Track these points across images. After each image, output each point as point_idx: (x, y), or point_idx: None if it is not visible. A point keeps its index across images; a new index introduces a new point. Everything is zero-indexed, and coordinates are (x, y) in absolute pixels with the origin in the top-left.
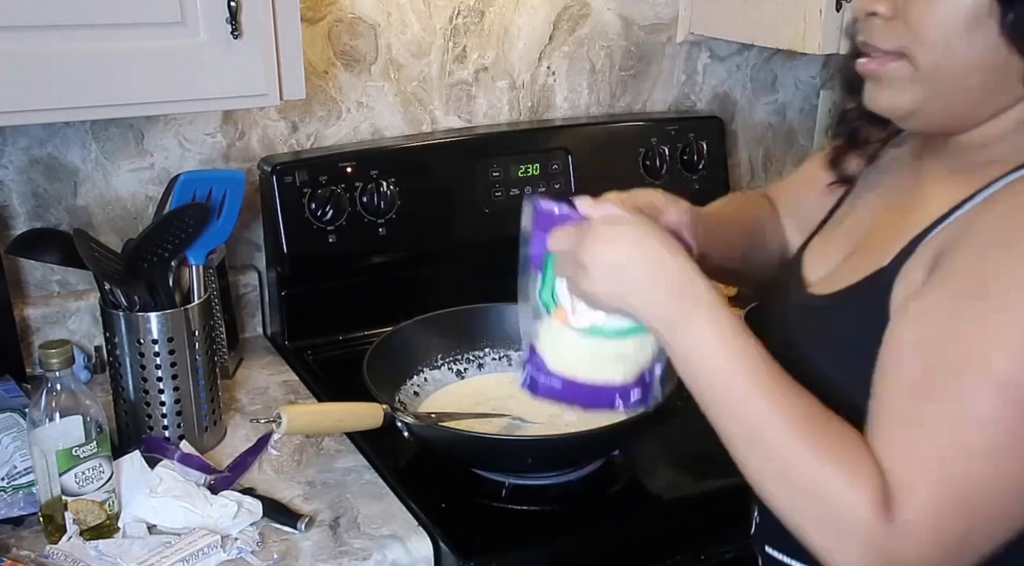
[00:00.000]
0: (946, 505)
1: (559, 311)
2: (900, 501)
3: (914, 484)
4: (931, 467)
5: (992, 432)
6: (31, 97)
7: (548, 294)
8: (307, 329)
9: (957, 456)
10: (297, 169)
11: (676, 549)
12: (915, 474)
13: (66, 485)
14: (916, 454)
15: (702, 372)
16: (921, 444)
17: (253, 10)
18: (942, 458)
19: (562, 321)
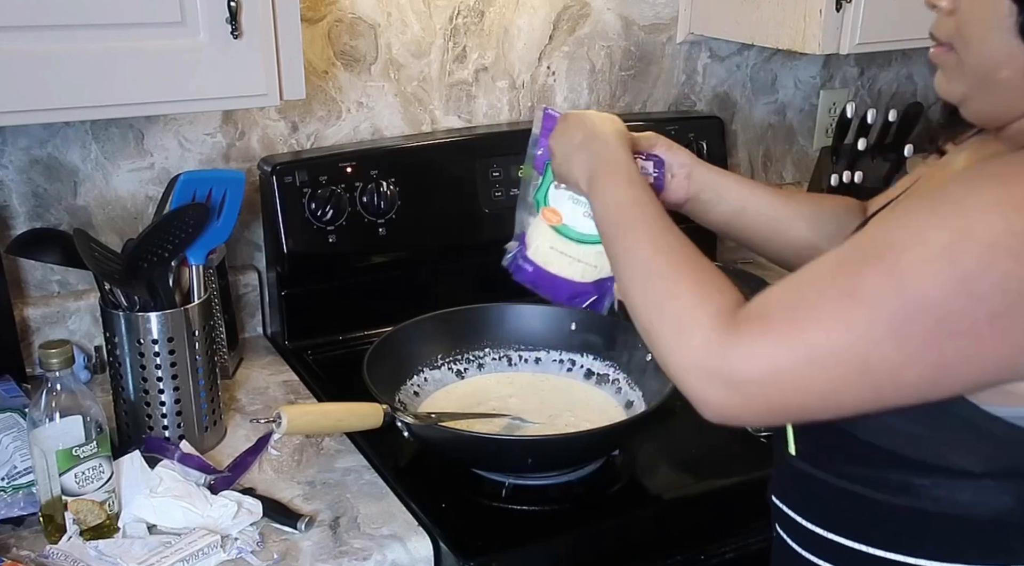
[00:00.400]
0: (785, 339)
1: (545, 210)
2: (752, 320)
3: (774, 314)
4: (798, 305)
5: (866, 315)
6: (31, 97)
7: (542, 195)
8: (307, 329)
9: (823, 314)
10: (297, 169)
11: (676, 549)
12: (781, 303)
13: (66, 485)
14: (795, 293)
15: (610, 214)
16: (805, 288)
17: (253, 10)
18: (813, 305)
19: (545, 218)
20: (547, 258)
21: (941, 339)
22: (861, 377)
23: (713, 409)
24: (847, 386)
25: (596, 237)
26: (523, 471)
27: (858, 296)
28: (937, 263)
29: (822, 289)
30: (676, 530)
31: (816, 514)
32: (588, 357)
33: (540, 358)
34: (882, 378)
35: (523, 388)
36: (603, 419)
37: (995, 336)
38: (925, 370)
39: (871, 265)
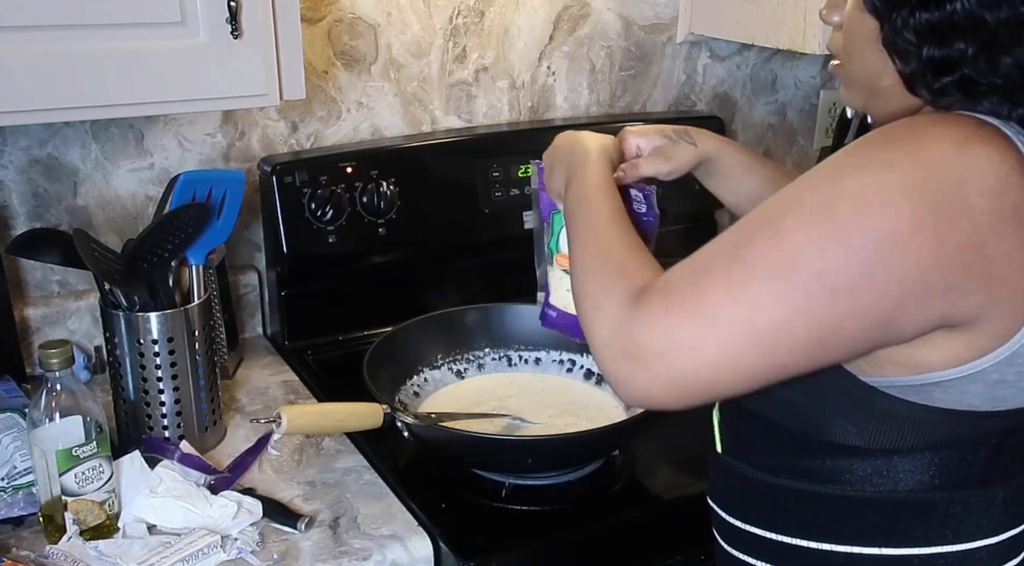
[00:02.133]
0: (681, 309)
1: (559, 257)
2: (654, 294)
3: (673, 287)
4: (692, 277)
5: (751, 273)
6: (31, 97)
7: (554, 243)
8: (307, 329)
9: (715, 277)
10: (297, 169)
11: (676, 549)
12: (677, 278)
13: (66, 485)
14: (689, 266)
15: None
16: (697, 261)
17: (253, 10)
18: (704, 273)
19: (559, 265)
20: (567, 301)
21: (822, 294)
22: (751, 339)
23: (624, 387)
24: (741, 351)
25: None
26: (523, 471)
27: (744, 260)
28: (812, 219)
29: (716, 258)
30: (676, 530)
31: (740, 510)
32: (588, 357)
33: (540, 358)
34: (771, 339)
35: (523, 388)
36: (603, 419)
37: (873, 289)
38: (811, 328)
39: (757, 231)
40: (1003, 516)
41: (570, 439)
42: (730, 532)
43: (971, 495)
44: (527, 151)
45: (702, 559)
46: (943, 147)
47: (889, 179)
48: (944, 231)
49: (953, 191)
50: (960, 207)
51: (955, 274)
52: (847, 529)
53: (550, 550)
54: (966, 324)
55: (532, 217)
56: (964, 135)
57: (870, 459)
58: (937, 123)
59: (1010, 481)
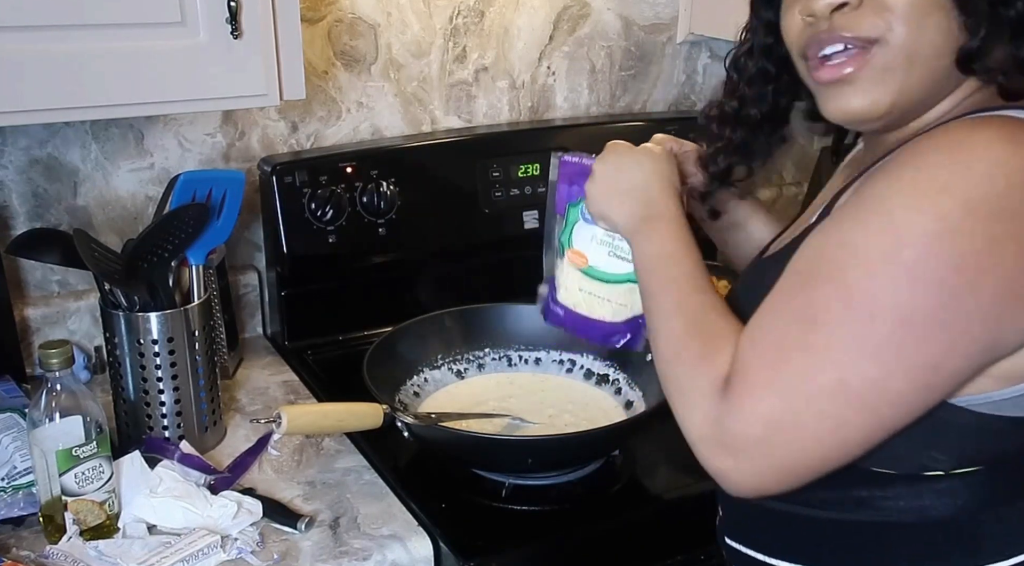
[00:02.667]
0: (769, 390)
1: (571, 252)
2: (736, 380)
3: (750, 367)
4: (768, 353)
5: (829, 339)
6: (31, 97)
7: (566, 237)
8: (307, 329)
9: (793, 349)
10: (297, 169)
11: (676, 549)
12: (753, 357)
13: (66, 485)
14: (761, 342)
15: (647, 265)
16: (767, 335)
17: (253, 10)
18: (779, 347)
19: (571, 261)
20: (577, 300)
21: (912, 339)
22: (853, 404)
23: (731, 482)
24: (844, 418)
25: (624, 276)
26: (523, 471)
27: (816, 322)
28: (880, 267)
29: (782, 328)
30: (676, 530)
31: (768, 544)
32: (588, 357)
33: (540, 358)
34: (873, 398)
35: (523, 388)
36: (603, 419)
37: (964, 316)
38: (911, 376)
39: (818, 289)
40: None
41: (570, 439)
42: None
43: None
44: (527, 151)
45: (702, 559)
46: (993, 151)
47: (947, 203)
48: (1017, 237)
49: (1015, 194)
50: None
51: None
52: (886, 555)
53: (550, 550)
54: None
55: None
56: (1009, 133)
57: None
58: (975, 128)
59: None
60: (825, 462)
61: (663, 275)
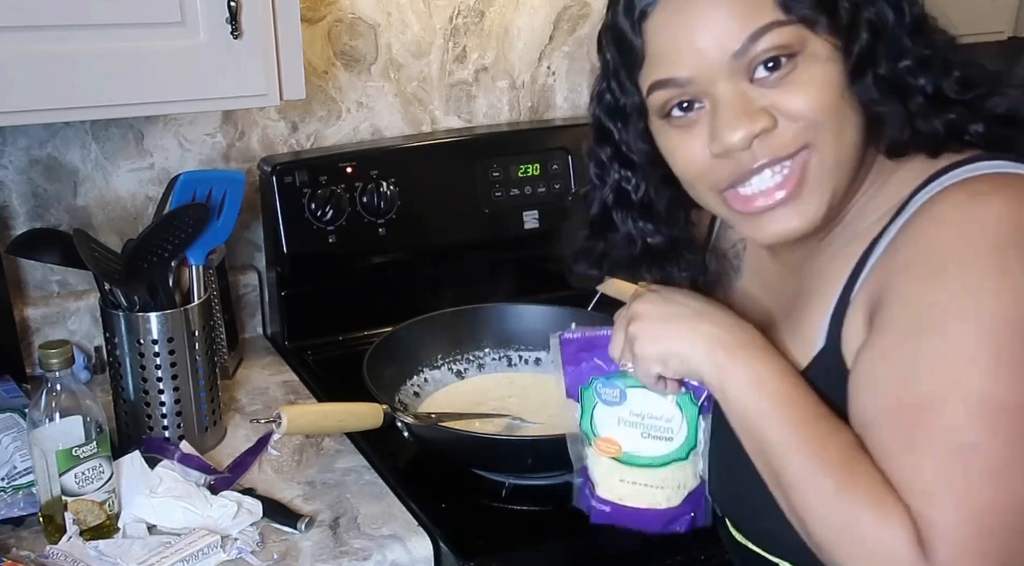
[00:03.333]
0: (976, 538)
1: (600, 442)
2: (932, 539)
3: (939, 520)
4: (949, 500)
5: (991, 454)
6: (31, 97)
7: (588, 424)
8: (307, 329)
9: (970, 486)
10: (297, 169)
11: (676, 549)
12: (938, 509)
13: (66, 485)
14: (931, 488)
15: (747, 411)
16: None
17: (253, 10)
18: (957, 489)
19: (602, 451)
20: (621, 494)
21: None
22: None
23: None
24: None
25: (665, 457)
26: (523, 471)
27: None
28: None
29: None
30: None
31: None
32: None
33: (540, 358)
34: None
35: (523, 388)
36: None
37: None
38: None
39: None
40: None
41: None
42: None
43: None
44: (527, 151)
45: (702, 559)
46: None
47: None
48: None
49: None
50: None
51: None
52: None
53: (550, 550)
54: None
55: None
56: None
57: None
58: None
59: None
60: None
61: (783, 414)
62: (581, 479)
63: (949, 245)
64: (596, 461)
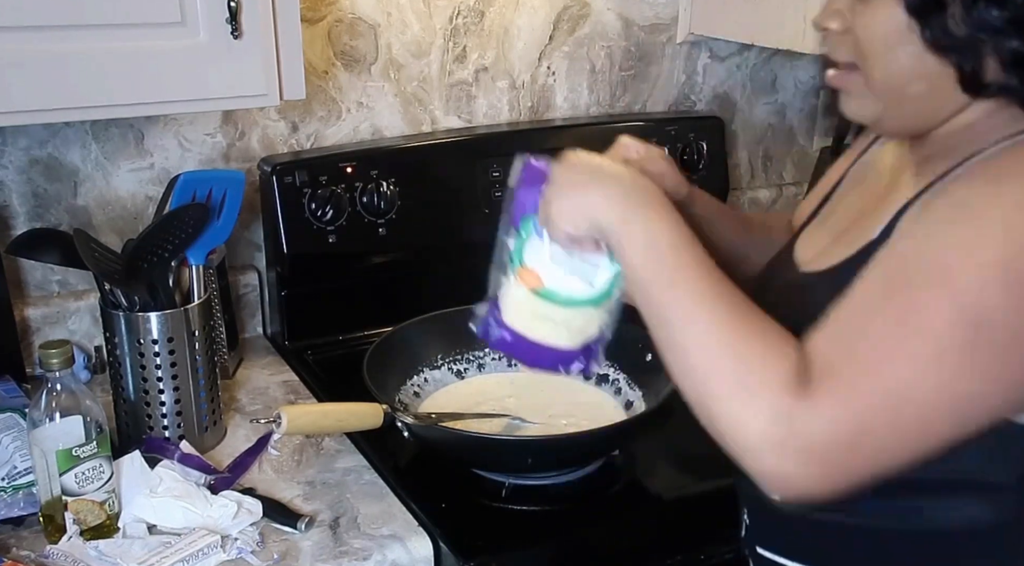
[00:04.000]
0: (862, 393)
1: (522, 271)
2: (819, 380)
3: (840, 368)
4: (862, 354)
5: (936, 346)
6: (31, 97)
7: (518, 252)
8: (307, 329)
9: (893, 356)
10: (297, 169)
11: (676, 549)
12: (841, 357)
13: (66, 485)
14: (852, 343)
15: (654, 258)
16: (860, 336)
17: (253, 10)
18: (877, 353)
19: (522, 280)
20: (529, 325)
21: (1019, 355)
22: (946, 413)
23: (789, 485)
24: (934, 427)
25: (583, 299)
26: (523, 471)
27: (918, 325)
28: (992, 274)
29: (880, 330)
30: (676, 530)
31: (817, 557)
32: None
33: None
34: (968, 409)
35: (523, 388)
36: (603, 419)
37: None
38: (1007, 391)
39: (922, 293)
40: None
41: (570, 439)
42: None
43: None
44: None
45: (702, 559)
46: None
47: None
48: None
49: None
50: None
51: None
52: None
53: (550, 550)
54: None
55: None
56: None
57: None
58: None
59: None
60: (897, 469)
61: (676, 263)
62: (488, 306)
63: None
64: (513, 290)
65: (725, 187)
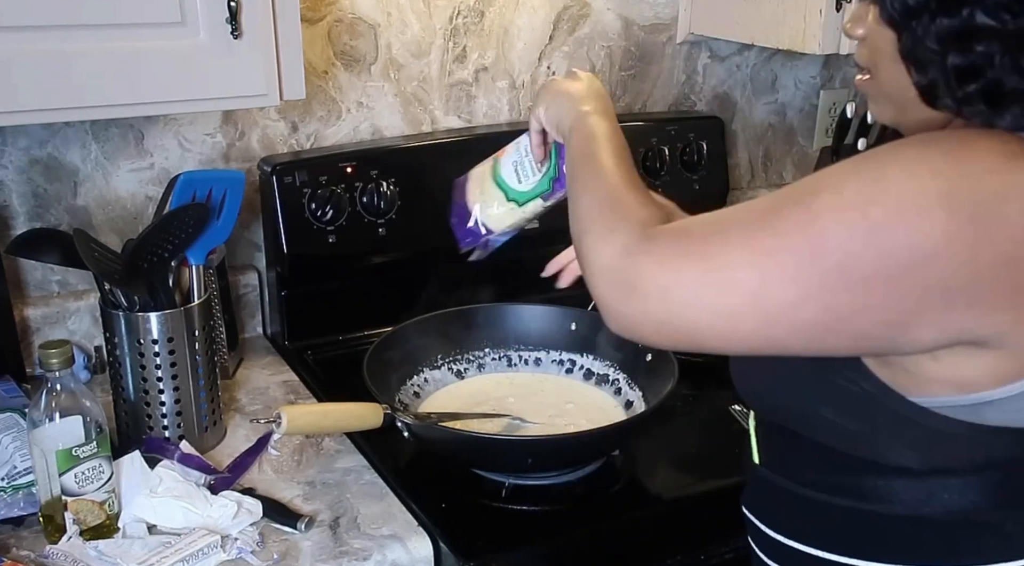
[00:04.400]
0: (697, 258)
1: (497, 154)
2: (671, 233)
3: (691, 227)
4: (714, 227)
5: (773, 245)
6: (31, 97)
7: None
8: (307, 329)
9: (738, 236)
10: (297, 169)
11: (676, 549)
12: (699, 224)
13: (66, 485)
14: (714, 218)
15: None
16: (723, 216)
17: (253, 10)
18: (726, 229)
19: (493, 158)
20: (473, 189)
21: (839, 283)
22: (756, 309)
23: (614, 315)
24: (743, 316)
25: (511, 188)
26: (523, 471)
27: (772, 229)
28: (848, 211)
29: (744, 221)
30: (676, 530)
31: (780, 523)
32: (588, 357)
33: (540, 358)
34: (776, 313)
35: (523, 388)
36: (603, 419)
37: (892, 291)
38: (818, 313)
39: (790, 205)
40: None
41: (570, 439)
42: (768, 544)
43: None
44: None
45: (702, 559)
46: (992, 159)
47: (931, 186)
48: (978, 246)
49: (995, 206)
50: (1000, 223)
51: (982, 290)
52: (899, 547)
53: (550, 550)
54: (999, 343)
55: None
56: (1014, 150)
57: (923, 479)
58: (989, 135)
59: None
60: (704, 339)
61: (604, 146)
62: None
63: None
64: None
65: (725, 187)
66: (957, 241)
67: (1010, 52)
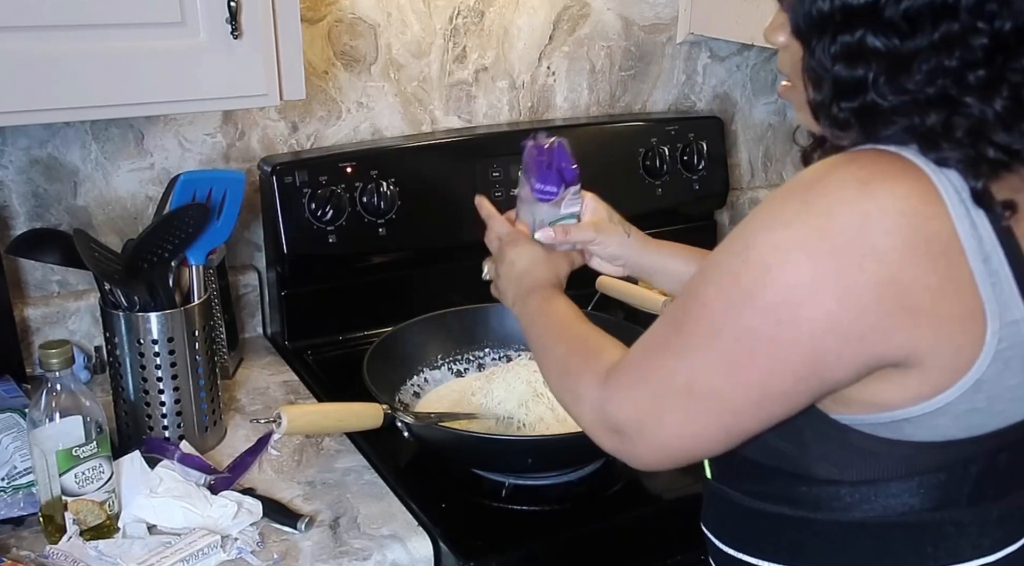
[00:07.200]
0: (649, 381)
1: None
2: (621, 371)
3: (630, 358)
4: (643, 349)
5: (685, 343)
6: (31, 97)
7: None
8: (307, 329)
9: (660, 349)
10: (297, 169)
11: (676, 549)
12: (634, 353)
13: (66, 485)
14: (642, 341)
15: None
16: (649, 334)
17: (253, 10)
18: (652, 346)
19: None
20: None
21: (743, 357)
22: (697, 406)
23: (626, 459)
24: (694, 416)
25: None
26: (523, 471)
27: (679, 331)
28: (726, 287)
29: (662, 330)
30: (676, 530)
31: (730, 536)
32: None
33: None
34: (716, 405)
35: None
36: None
37: (786, 345)
38: (742, 390)
39: (688, 302)
40: (999, 533)
41: (570, 439)
42: (723, 560)
43: (964, 514)
44: None
45: (702, 559)
46: (842, 192)
47: (785, 236)
48: (849, 276)
49: (855, 234)
50: (864, 249)
51: (869, 316)
52: (841, 554)
53: (550, 550)
54: (910, 362)
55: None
56: (865, 176)
57: (857, 486)
58: (839, 166)
59: (1005, 497)
60: (692, 450)
61: (539, 323)
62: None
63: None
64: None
65: (725, 187)
66: (825, 278)
67: (890, 72)
